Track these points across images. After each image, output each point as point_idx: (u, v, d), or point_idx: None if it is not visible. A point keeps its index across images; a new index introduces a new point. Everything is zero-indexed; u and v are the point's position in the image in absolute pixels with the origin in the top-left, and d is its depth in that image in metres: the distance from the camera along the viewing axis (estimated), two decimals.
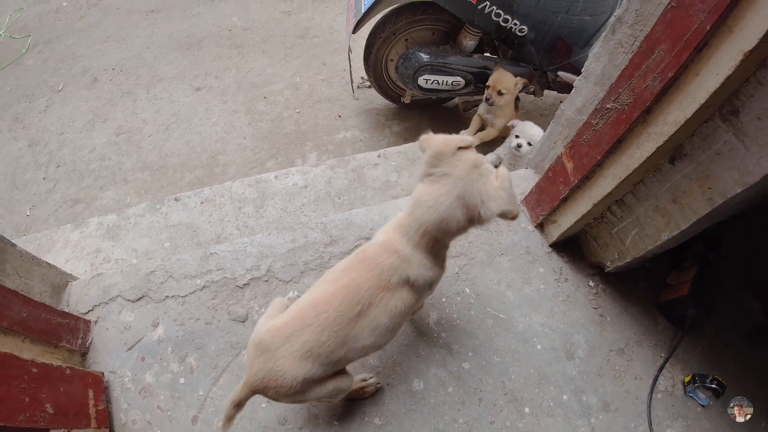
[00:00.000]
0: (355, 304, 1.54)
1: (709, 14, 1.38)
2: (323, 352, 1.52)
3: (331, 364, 1.57)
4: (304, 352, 1.50)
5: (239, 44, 5.05)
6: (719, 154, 1.60)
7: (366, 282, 1.57)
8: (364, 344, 1.60)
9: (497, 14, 3.05)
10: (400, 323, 1.68)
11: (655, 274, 2.49)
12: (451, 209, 1.54)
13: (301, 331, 1.51)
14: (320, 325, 1.52)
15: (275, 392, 1.54)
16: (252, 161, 3.94)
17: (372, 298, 1.56)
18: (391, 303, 1.59)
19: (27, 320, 1.90)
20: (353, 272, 1.60)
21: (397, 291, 1.60)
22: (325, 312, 1.53)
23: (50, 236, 3.01)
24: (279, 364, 1.50)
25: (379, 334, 1.61)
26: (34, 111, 4.53)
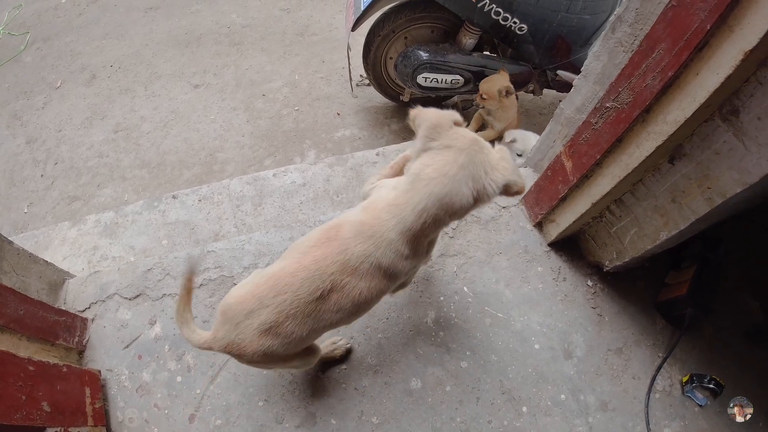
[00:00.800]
0: (314, 289, 1.47)
1: (709, 13, 1.38)
2: (282, 332, 1.48)
3: (293, 343, 1.53)
4: (263, 331, 1.47)
5: (238, 41, 5.03)
6: (719, 153, 1.59)
7: (331, 266, 1.48)
8: (327, 323, 1.55)
9: (497, 12, 3.04)
10: (367, 308, 1.61)
11: (653, 273, 2.48)
12: (457, 181, 1.42)
13: (259, 311, 1.47)
14: (277, 307, 1.46)
15: (239, 357, 1.54)
16: (250, 159, 3.93)
17: (335, 284, 1.49)
18: (356, 290, 1.50)
19: (24, 318, 1.90)
20: (319, 251, 1.51)
21: (365, 278, 1.51)
22: (282, 294, 1.47)
23: (48, 233, 3.00)
24: (240, 337, 1.49)
25: (342, 316, 1.55)
26: (32, 108, 4.52)
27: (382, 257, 1.50)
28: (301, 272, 1.48)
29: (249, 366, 1.62)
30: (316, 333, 1.58)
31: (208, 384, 2.15)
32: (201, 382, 2.15)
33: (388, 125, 4.14)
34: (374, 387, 2.15)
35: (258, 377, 2.16)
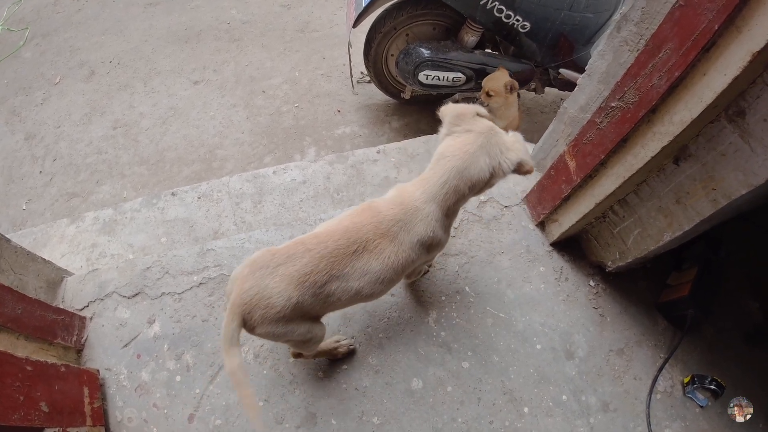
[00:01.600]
0: (352, 242, 1.60)
1: (717, 13, 1.36)
2: (318, 280, 1.55)
3: (321, 299, 1.60)
4: (302, 275, 1.53)
5: (238, 38, 5.01)
6: (724, 155, 1.58)
7: (366, 226, 1.63)
8: (352, 286, 1.63)
9: (499, 10, 3.03)
10: (390, 278, 1.69)
11: (655, 274, 2.48)
12: (475, 157, 1.63)
13: (302, 254, 1.56)
14: (320, 252, 1.57)
15: (261, 315, 1.52)
16: (250, 156, 3.91)
17: (368, 243, 1.62)
18: (386, 252, 1.64)
19: (21, 317, 1.88)
20: (356, 217, 1.67)
21: (395, 242, 1.65)
22: (324, 242, 1.59)
23: (46, 231, 2.98)
24: (276, 282, 1.52)
25: (368, 281, 1.64)
26: (31, 104, 4.49)
27: (410, 222, 1.66)
28: (341, 229, 1.63)
29: (259, 335, 1.59)
30: (340, 294, 1.63)
31: (208, 384, 2.13)
32: (200, 381, 2.14)
33: (389, 123, 4.12)
34: (375, 387, 2.14)
35: (258, 377, 2.15)
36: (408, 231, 1.66)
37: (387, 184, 3.09)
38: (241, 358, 1.55)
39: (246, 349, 2.20)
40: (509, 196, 2.69)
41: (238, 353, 1.54)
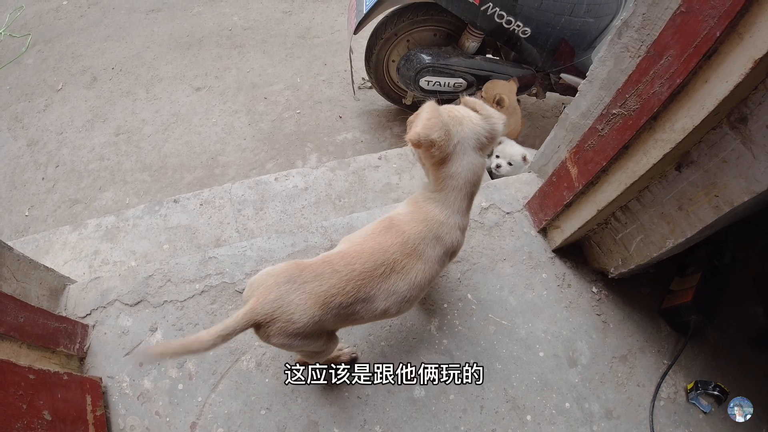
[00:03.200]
0: (380, 264, 1.58)
1: (719, 20, 1.36)
2: (344, 301, 1.53)
3: (342, 318, 1.59)
4: (329, 296, 1.51)
5: (240, 44, 5.02)
6: (726, 161, 1.58)
7: (392, 247, 1.61)
8: (378, 307, 1.61)
9: (500, 16, 3.03)
10: (416, 296, 1.68)
11: (658, 280, 2.47)
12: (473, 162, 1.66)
13: (330, 275, 1.53)
14: (348, 275, 1.54)
15: (279, 328, 1.49)
16: (252, 162, 3.92)
17: (396, 264, 1.60)
18: (414, 270, 1.62)
19: (24, 325, 1.88)
20: (379, 237, 1.64)
21: (422, 260, 1.64)
22: (352, 264, 1.56)
23: (49, 237, 2.98)
24: (301, 299, 1.49)
25: (394, 301, 1.62)
26: (34, 110, 4.51)
27: (436, 237, 1.66)
28: (367, 250, 1.60)
29: (273, 344, 1.56)
30: (364, 314, 1.62)
31: (210, 392, 2.13)
32: (203, 390, 2.14)
33: (390, 128, 4.12)
34: (377, 395, 2.13)
35: (260, 385, 2.15)
36: (434, 246, 1.66)
37: (389, 190, 3.09)
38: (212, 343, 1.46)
39: (248, 357, 2.20)
40: (511, 203, 2.68)
41: (213, 342, 1.45)
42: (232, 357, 2.20)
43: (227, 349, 2.22)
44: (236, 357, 2.20)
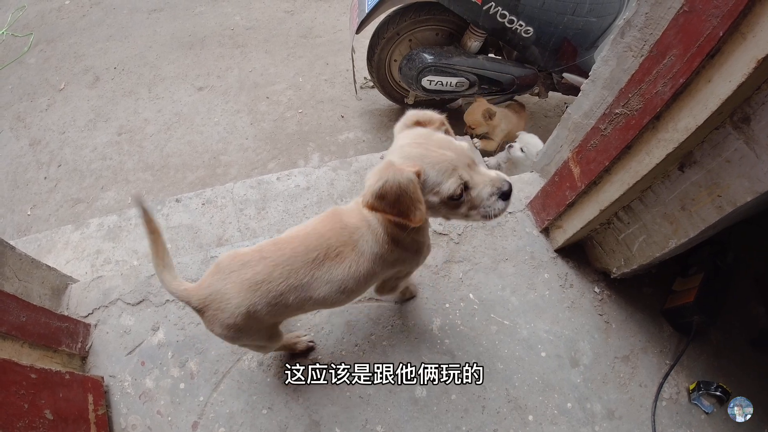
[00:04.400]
0: (311, 250, 1.53)
1: (722, 20, 1.36)
2: (272, 289, 1.50)
3: (278, 308, 1.55)
4: (253, 283, 1.48)
5: (242, 44, 5.03)
6: (729, 161, 1.57)
7: (328, 233, 1.56)
8: (313, 296, 1.57)
9: (502, 15, 3.02)
10: (354, 288, 1.62)
11: (660, 280, 2.46)
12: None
13: (257, 262, 1.50)
14: (275, 260, 1.50)
15: (212, 315, 1.52)
16: (254, 162, 3.92)
17: (329, 250, 1.54)
18: (347, 261, 1.56)
19: (26, 325, 1.88)
20: (320, 224, 1.60)
21: (356, 251, 1.57)
22: (282, 250, 1.52)
23: (51, 237, 2.99)
24: (227, 288, 1.49)
25: (329, 289, 1.57)
26: (36, 110, 4.51)
27: (370, 233, 1.56)
28: (302, 235, 1.57)
29: (215, 334, 1.58)
30: (299, 307, 1.61)
31: (212, 391, 2.13)
32: (204, 389, 2.14)
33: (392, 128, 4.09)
34: (379, 395, 2.13)
35: (262, 385, 2.15)
36: (369, 242, 1.58)
37: None
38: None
39: (250, 356, 2.20)
40: (513, 202, 2.66)
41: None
42: (233, 356, 2.20)
43: (229, 349, 2.22)
44: (238, 356, 2.20)
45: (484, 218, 1.41)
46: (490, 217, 1.40)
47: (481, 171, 1.38)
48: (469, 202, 1.37)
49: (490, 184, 1.36)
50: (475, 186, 1.35)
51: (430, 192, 1.33)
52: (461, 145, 1.37)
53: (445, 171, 1.30)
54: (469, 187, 1.34)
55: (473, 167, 1.37)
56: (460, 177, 1.31)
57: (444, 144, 1.34)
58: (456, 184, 1.30)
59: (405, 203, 1.27)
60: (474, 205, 1.38)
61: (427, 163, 1.29)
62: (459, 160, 1.32)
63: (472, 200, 1.37)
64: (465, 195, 1.35)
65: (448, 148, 1.33)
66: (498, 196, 1.37)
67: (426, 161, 1.29)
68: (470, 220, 1.44)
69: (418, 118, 1.47)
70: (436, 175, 1.30)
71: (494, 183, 1.36)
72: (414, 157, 1.31)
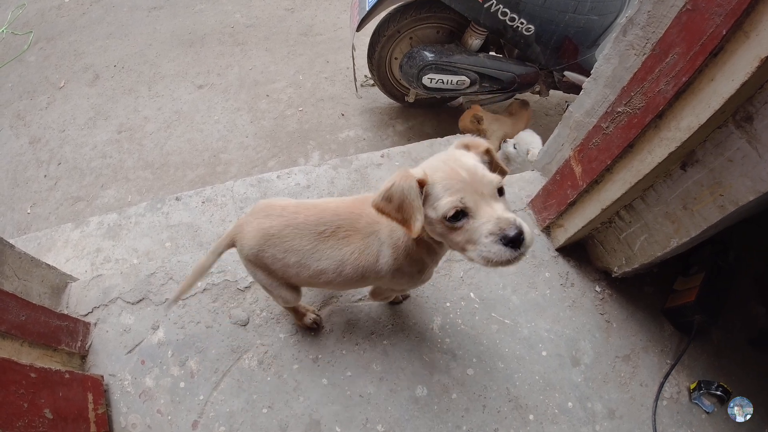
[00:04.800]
0: (323, 223, 1.63)
1: (725, 18, 1.35)
2: (278, 244, 1.66)
3: (282, 263, 1.69)
4: (266, 234, 1.66)
5: (242, 41, 5.02)
6: (732, 160, 1.57)
7: (345, 214, 1.63)
8: (311, 266, 1.67)
9: (504, 13, 3.01)
10: (350, 276, 1.67)
11: (661, 279, 2.46)
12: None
13: (276, 217, 1.67)
14: (288, 221, 1.65)
15: (239, 246, 1.76)
16: (254, 160, 3.91)
17: (339, 230, 1.63)
18: (350, 247, 1.62)
19: (25, 323, 1.88)
20: (344, 204, 1.68)
21: (362, 241, 1.62)
22: (298, 214, 1.65)
23: (51, 235, 2.98)
24: (250, 229, 1.70)
25: (326, 266, 1.66)
26: (36, 108, 4.51)
27: (387, 231, 1.59)
28: (321, 208, 1.67)
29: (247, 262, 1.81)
30: (297, 274, 1.71)
31: (212, 390, 2.12)
32: (204, 388, 2.13)
33: (392, 126, 4.11)
34: (379, 394, 2.13)
35: (262, 384, 2.14)
36: (378, 240, 1.61)
37: None
38: (212, 262, 1.82)
39: (250, 355, 2.20)
40: (514, 201, 2.67)
41: (213, 259, 1.82)
42: (234, 355, 2.20)
43: (229, 348, 2.22)
44: (238, 355, 2.20)
45: (479, 259, 1.24)
46: (488, 262, 1.22)
47: (494, 206, 1.23)
48: (466, 233, 1.24)
49: (494, 221, 1.19)
50: (476, 216, 1.22)
51: (431, 206, 1.27)
52: (485, 175, 1.25)
53: (449, 188, 1.22)
54: (468, 216, 1.23)
55: (487, 199, 1.23)
56: (462, 199, 1.21)
57: (466, 166, 1.26)
58: (452, 204, 1.20)
59: (407, 210, 1.24)
60: (471, 239, 1.24)
61: (438, 177, 1.24)
62: (471, 186, 1.22)
63: (468, 232, 1.23)
64: (464, 221, 1.23)
65: (467, 170, 1.24)
66: (499, 238, 1.18)
67: (437, 175, 1.25)
68: (467, 256, 1.29)
69: (467, 142, 1.40)
70: (440, 190, 1.24)
71: (500, 222, 1.19)
72: (430, 168, 1.28)
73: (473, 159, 1.33)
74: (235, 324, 2.27)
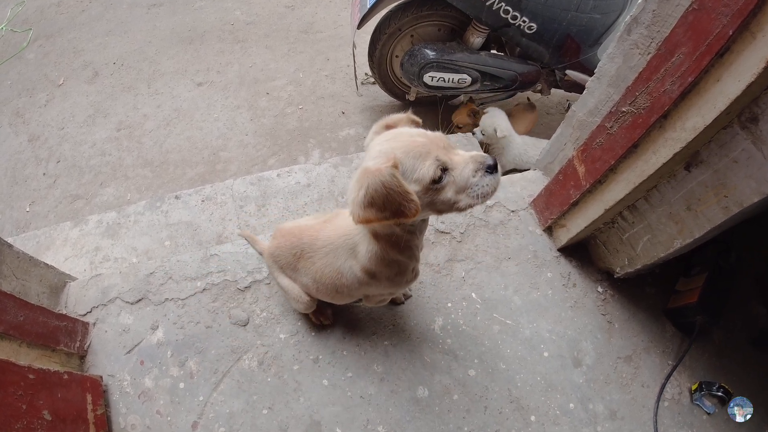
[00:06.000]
0: (293, 247, 1.86)
1: (732, 18, 1.34)
2: (278, 262, 1.99)
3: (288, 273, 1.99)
4: (272, 253, 2.01)
5: (242, 39, 4.99)
6: (737, 161, 1.55)
7: (306, 237, 1.81)
8: (301, 281, 1.92)
9: (506, 11, 3.00)
10: (327, 288, 1.81)
11: (663, 279, 2.45)
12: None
13: (276, 239, 1.99)
14: (280, 244, 1.93)
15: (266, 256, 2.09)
16: (254, 158, 3.90)
17: (304, 252, 1.82)
18: (316, 265, 1.78)
19: (24, 324, 1.86)
20: (310, 222, 1.90)
21: (324, 259, 1.76)
22: (286, 237, 1.90)
23: (49, 234, 2.96)
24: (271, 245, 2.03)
25: (309, 281, 1.86)
26: (35, 105, 4.49)
27: (337, 250, 1.71)
28: (295, 232, 1.87)
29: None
30: (300, 282, 1.95)
31: (211, 391, 2.11)
32: (204, 388, 2.12)
33: None
34: (380, 395, 2.12)
35: (262, 384, 2.13)
36: (334, 255, 1.72)
37: None
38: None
39: (250, 356, 2.19)
40: (516, 201, 2.66)
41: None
42: (233, 356, 2.18)
43: (229, 348, 2.20)
44: (238, 356, 2.18)
45: (476, 199, 1.29)
46: (484, 197, 1.29)
47: (459, 152, 1.32)
48: (453, 184, 1.28)
49: (471, 161, 1.28)
50: (455, 166, 1.27)
51: (411, 181, 1.25)
52: (434, 133, 1.32)
53: (419, 155, 1.24)
54: (448, 168, 1.27)
55: (450, 150, 1.30)
56: (437, 158, 1.24)
57: (414, 133, 1.30)
58: (434, 166, 1.23)
59: (395, 201, 1.20)
60: (460, 187, 1.28)
61: (401, 152, 1.24)
62: (432, 144, 1.26)
63: (455, 182, 1.27)
64: (446, 177, 1.27)
65: (419, 136, 1.28)
66: (484, 171, 1.28)
67: (399, 152, 1.24)
68: (463, 206, 1.32)
69: (386, 122, 1.43)
70: (412, 162, 1.24)
71: (475, 159, 1.28)
72: (386, 153, 1.25)
73: (409, 128, 1.39)
74: (235, 324, 2.26)
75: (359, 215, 1.24)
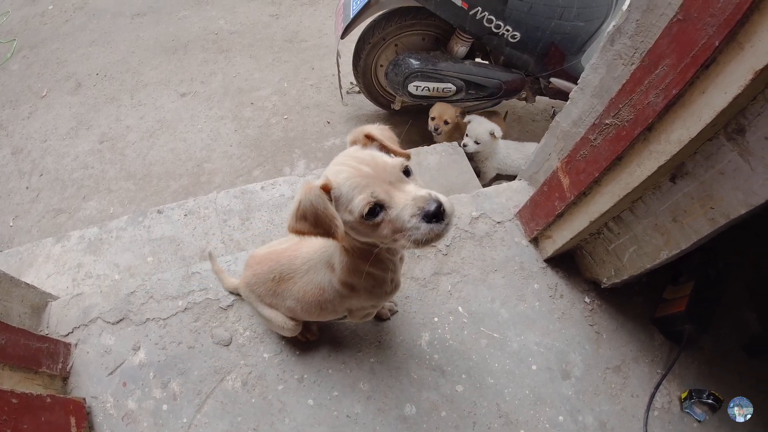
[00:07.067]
0: (271, 272, 1.84)
1: (718, 29, 1.32)
2: (255, 291, 1.95)
3: (267, 300, 1.95)
4: (248, 283, 1.97)
5: (226, 48, 4.97)
6: (723, 173, 1.54)
7: (284, 259, 1.81)
8: (285, 304, 1.87)
9: (489, 20, 2.99)
10: (310, 307, 1.79)
11: (651, 288, 2.44)
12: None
13: (250, 268, 1.97)
14: (256, 272, 1.92)
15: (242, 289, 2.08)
16: (239, 169, 3.86)
17: (283, 274, 1.81)
18: (297, 285, 1.77)
19: (5, 347, 1.83)
20: (286, 245, 1.88)
21: (303, 278, 1.76)
22: (261, 264, 1.90)
23: (32, 250, 2.91)
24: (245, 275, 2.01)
25: (292, 304, 1.84)
26: (18, 117, 4.44)
27: (317, 265, 1.71)
28: (272, 256, 1.87)
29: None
30: (282, 307, 1.91)
31: (195, 413, 2.07)
32: (188, 410, 2.08)
33: None
34: (367, 414, 2.08)
35: (246, 406, 2.09)
36: (316, 272, 1.71)
37: None
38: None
39: (234, 376, 2.15)
40: (501, 212, 2.64)
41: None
42: (217, 376, 2.14)
43: (212, 368, 2.16)
44: (221, 376, 2.14)
45: (413, 244, 1.19)
46: (423, 243, 1.19)
47: (406, 189, 1.21)
48: (389, 224, 1.20)
49: (412, 204, 1.17)
50: (393, 206, 1.18)
51: (346, 210, 1.22)
52: (386, 162, 1.24)
53: (356, 186, 1.18)
54: (385, 207, 1.19)
55: (397, 185, 1.21)
56: (372, 194, 1.17)
57: (365, 160, 1.23)
58: (364, 201, 1.17)
59: (324, 221, 1.20)
60: (397, 228, 1.20)
61: (342, 178, 1.20)
62: (377, 176, 1.20)
63: (392, 222, 1.20)
64: (383, 214, 1.20)
65: (367, 164, 1.22)
66: (421, 217, 1.16)
67: (340, 177, 1.20)
68: (400, 246, 1.27)
69: (365, 132, 1.38)
70: (348, 190, 1.19)
71: (417, 202, 1.17)
72: (332, 174, 1.24)
73: (369, 150, 1.31)
74: (217, 344, 2.22)
75: (291, 225, 1.27)
